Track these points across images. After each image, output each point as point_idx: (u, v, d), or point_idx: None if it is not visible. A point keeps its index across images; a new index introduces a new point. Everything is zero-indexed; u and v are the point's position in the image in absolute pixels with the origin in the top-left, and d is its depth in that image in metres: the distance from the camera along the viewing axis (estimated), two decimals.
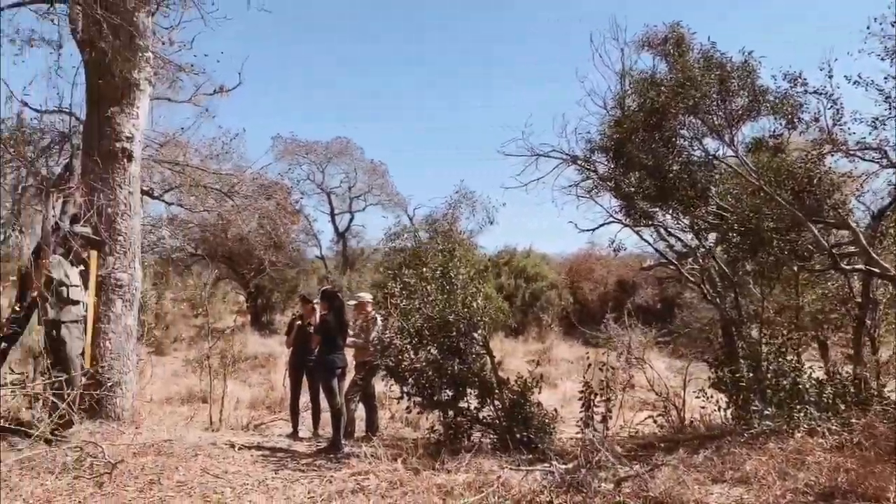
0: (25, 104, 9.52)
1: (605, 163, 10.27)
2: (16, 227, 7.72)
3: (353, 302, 9.62)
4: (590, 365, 7.55)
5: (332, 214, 31.94)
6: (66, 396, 6.38)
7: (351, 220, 32.20)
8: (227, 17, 8.73)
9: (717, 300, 9.93)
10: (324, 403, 8.79)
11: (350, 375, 9.16)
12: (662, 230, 11.17)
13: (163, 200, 12.43)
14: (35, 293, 6.88)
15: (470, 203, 22.12)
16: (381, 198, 31.88)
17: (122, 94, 8.00)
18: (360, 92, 71.43)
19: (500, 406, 7.76)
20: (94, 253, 7.52)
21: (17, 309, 7.02)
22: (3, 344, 6.88)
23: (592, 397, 7.27)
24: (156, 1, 8.12)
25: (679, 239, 11.31)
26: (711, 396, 7.90)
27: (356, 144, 31.00)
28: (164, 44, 8.76)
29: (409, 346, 7.71)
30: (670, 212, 9.64)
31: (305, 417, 9.65)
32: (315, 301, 9.31)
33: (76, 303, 7.12)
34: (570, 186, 11.53)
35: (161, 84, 9.88)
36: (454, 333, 7.78)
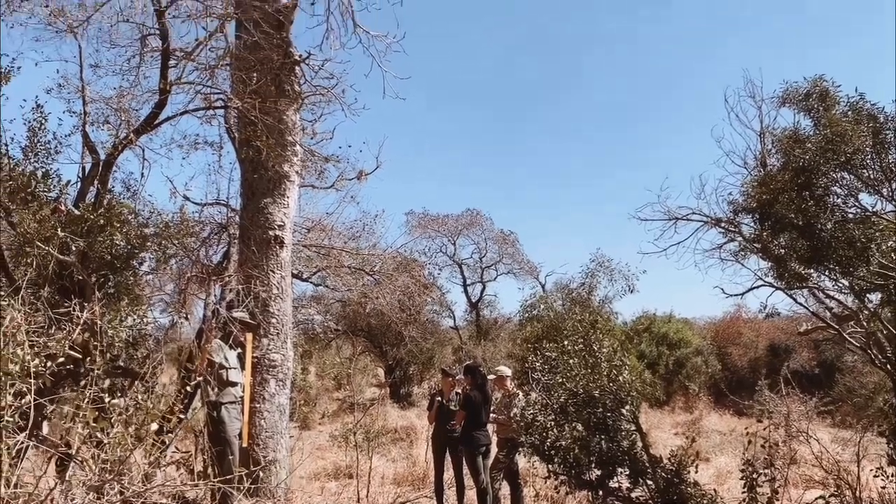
0: (187, 198, 10.46)
1: (751, 224, 9.81)
2: (181, 314, 8.36)
3: (492, 376, 9.58)
4: (750, 441, 7.03)
5: (465, 285, 32.37)
6: (225, 475, 6.70)
7: (483, 290, 32.47)
8: (366, 108, 9.30)
9: (888, 365, 9.06)
10: (468, 481, 8.69)
11: (493, 452, 9.04)
12: (819, 292, 10.44)
13: (310, 282, 13.13)
14: (198, 376, 7.35)
15: (608, 271, 21.65)
16: (511, 266, 32.01)
17: (274, 186, 8.60)
18: (489, 161, 72.96)
19: (653, 486, 7.34)
20: (250, 336, 7.98)
21: (183, 391, 7.53)
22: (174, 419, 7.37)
23: (755, 476, 6.74)
24: (302, 98, 8.77)
25: (838, 301, 10.51)
26: (894, 475, 7.10)
27: (485, 215, 31.53)
28: (309, 136, 9.43)
29: (553, 423, 7.52)
30: (826, 273, 9.02)
31: (450, 495, 9.57)
32: (457, 375, 9.34)
33: (234, 384, 7.53)
34: (712, 249, 11.10)
35: (308, 174, 10.55)
36: (600, 409, 7.52)
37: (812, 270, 9.09)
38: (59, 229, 6.41)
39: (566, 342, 8.01)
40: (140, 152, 8.12)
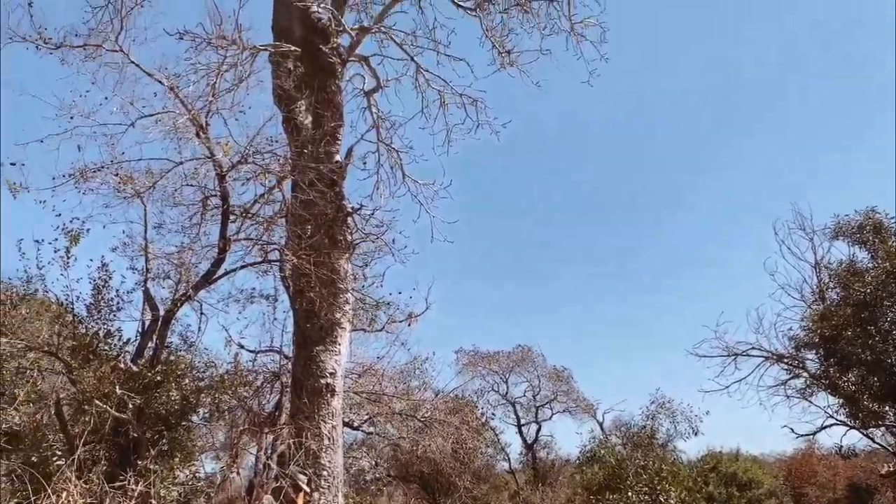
0: (242, 346, 10.62)
1: (815, 360, 9.42)
2: (233, 467, 8.25)
3: None
4: None
5: (519, 425, 31.34)
6: None
7: (538, 430, 31.34)
8: (415, 252, 9.50)
9: None
10: None
11: None
12: None
13: (361, 430, 12.93)
14: None
15: (669, 413, 20.79)
16: (567, 404, 31.00)
17: (326, 334, 8.67)
18: (540, 296, 72.66)
19: None
20: (301, 494, 7.77)
21: None
22: None
23: None
24: (353, 247, 9.03)
25: None
26: None
27: (537, 351, 31.02)
28: (360, 282, 9.61)
29: None
30: None
31: None
32: None
33: None
34: (776, 386, 10.62)
35: (359, 320, 10.66)
36: None
37: (888, 408, 8.57)
38: (117, 386, 6.51)
39: (630, 493, 7.58)
40: (198, 306, 8.37)
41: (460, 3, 9.98)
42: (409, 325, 10.77)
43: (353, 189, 9.36)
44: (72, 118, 7.30)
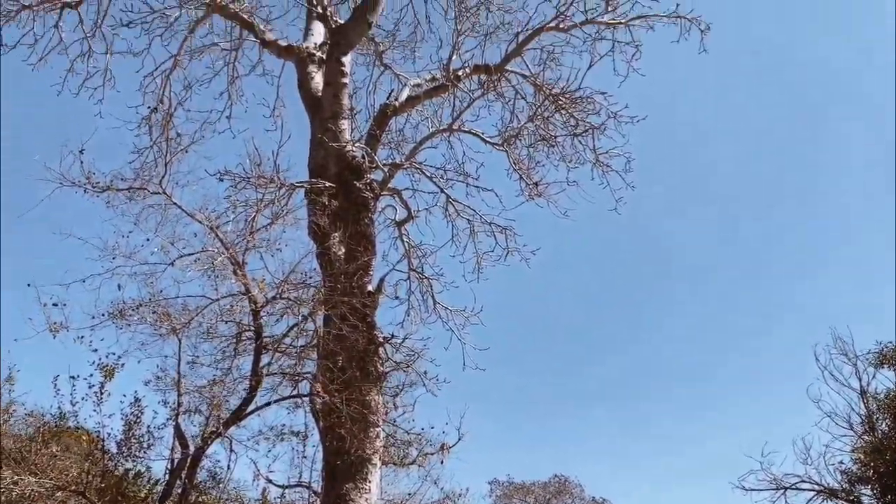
0: (270, 481, 10.34)
1: (872, 496, 8.87)
2: None
3: None
4: None
5: None
6: None
7: None
8: (447, 381, 9.35)
9: None
10: None
11: None
12: None
13: None
14: None
15: None
16: None
17: (356, 470, 8.42)
18: (577, 423, 70.50)
19: None
20: None
21: None
22: None
23: None
24: (384, 378, 8.94)
25: None
26: None
27: (575, 481, 29.80)
28: (392, 413, 9.43)
29: None
30: None
31: None
32: None
33: None
34: None
35: (389, 454, 10.39)
36: None
37: None
38: None
39: None
40: (228, 443, 8.27)
41: (488, 139, 10.37)
42: (441, 459, 10.45)
43: (383, 318, 9.38)
44: (114, 259, 7.58)
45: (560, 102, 10.24)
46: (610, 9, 10.36)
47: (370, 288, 8.90)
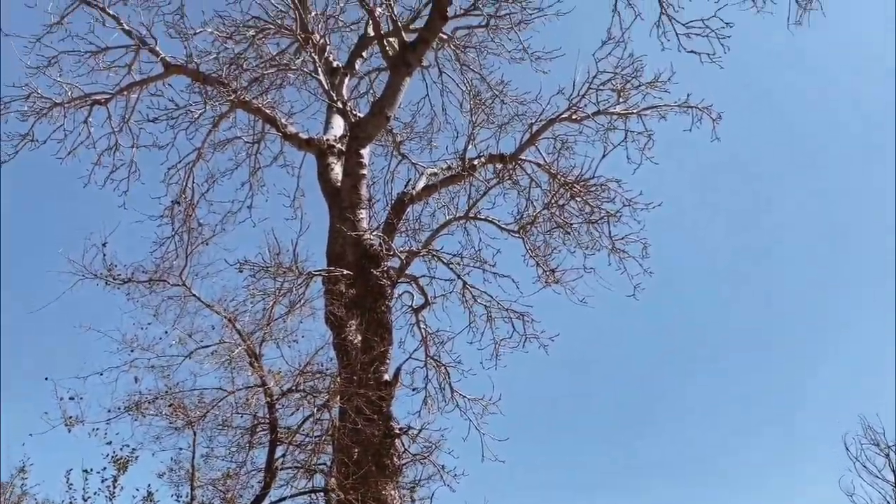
0: None
1: None
2: None
3: None
4: None
5: None
6: None
7: None
8: (465, 474, 9.09)
9: None
10: None
11: None
12: None
13: None
14: None
15: None
16: None
17: None
18: None
19: None
20: None
21: None
22: None
23: None
24: (401, 471, 8.74)
25: None
26: None
27: None
28: None
29: None
30: None
31: None
32: None
33: None
34: None
35: None
36: None
37: None
38: None
39: None
40: None
41: (504, 226, 10.45)
42: None
43: (400, 408, 9.27)
44: (132, 351, 7.63)
45: (575, 190, 10.36)
46: (621, 100, 10.59)
47: (387, 377, 8.82)
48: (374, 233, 9.80)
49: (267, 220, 10.99)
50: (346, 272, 9.36)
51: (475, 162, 10.66)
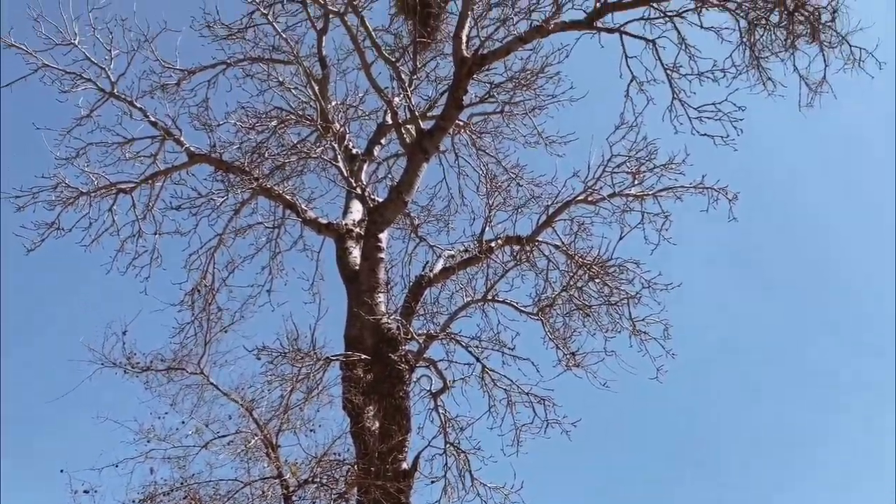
0: None
1: None
2: None
3: None
4: None
5: None
6: None
7: None
8: None
9: None
10: None
11: None
12: None
13: None
14: None
15: None
16: None
17: None
18: None
19: None
20: None
21: None
22: None
23: None
24: None
25: None
26: None
27: None
28: None
29: None
30: None
31: None
32: None
33: None
34: None
35: None
36: None
37: None
38: None
39: None
40: None
41: (522, 308, 10.39)
42: None
43: (419, 498, 9.00)
44: (148, 442, 7.55)
45: (593, 271, 10.32)
46: (637, 182, 10.67)
47: (405, 466, 8.63)
48: (392, 316, 9.78)
49: (286, 303, 11.02)
50: (363, 357, 9.30)
51: (492, 244, 10.66)
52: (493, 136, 11.87)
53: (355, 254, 10.47)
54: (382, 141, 11.97)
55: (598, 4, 10.06)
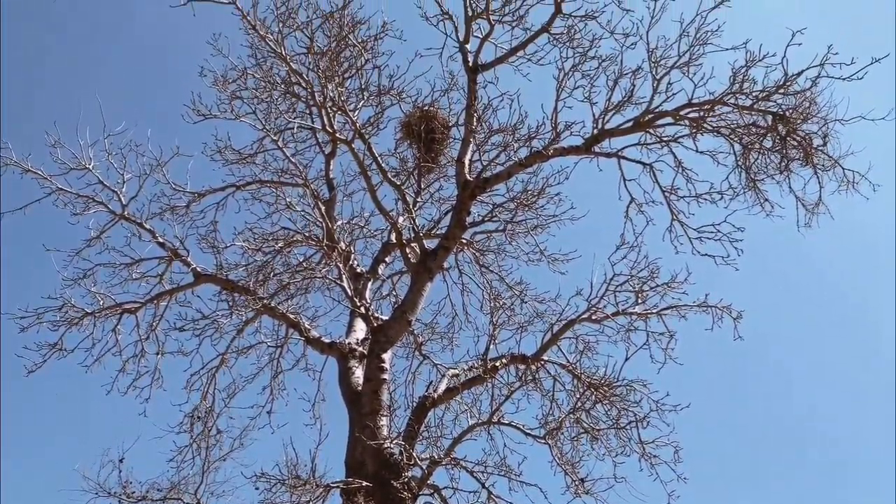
0: None
1: None
2: None
3: None
4: None
5: None
6: None
7: None
8: None
9: None
10: None
11: None
12: None
13: None
14: None
15: None
16: None
17: None
18: None
19: None
20: None
21: None
22: None
23: None
24: None
25: None
26: None
27: None
28: None
29: None
30: None
31: None
32: None
33: None
34: None
35: None
36: None
37: None
38: None
39: None
40: None
41: (529, 431, 10.11)
42: None
43: None
44: None
45: (601, 393, 10.13)
46: (640, 301, 10.64)
47: None
48: (395, 441, 9.53)
49: (286, 425, 10.80)
50: (364, 483, 9.00)
51: (497, 363, 10.51)
52: (496, 253, 12.00)
53: (358, 374, 10.34)
54: (387, 259, 12.08)
55: (595, 131, 10.51)
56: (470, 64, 10.69)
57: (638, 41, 10.22)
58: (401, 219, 11.02)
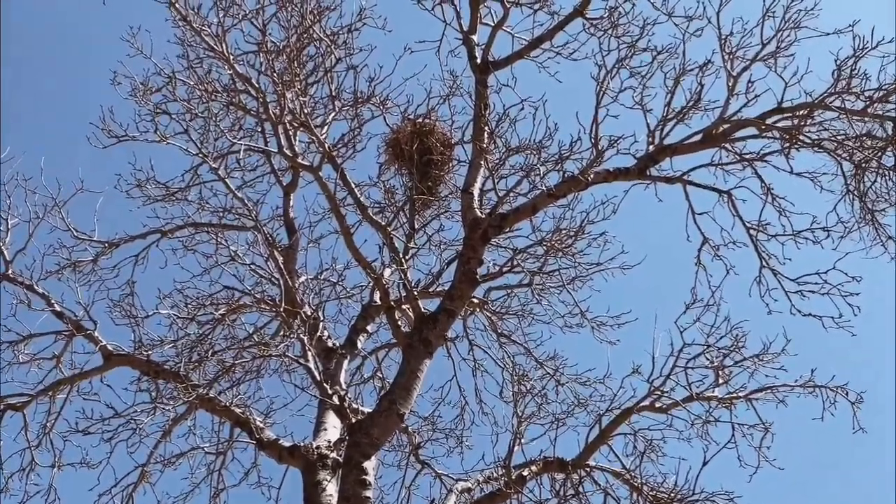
0: None
1: None
2: None
3: None
4: None
5: None
6: None
7: None
8: None
9: None
10: None
11: None
12: None
13: None
14: None
15: None
16: None
17: None
18: None
19: None
20: None
21: None
22: None
23: None
24: None
25: None
26: None
27: None
28: None
29: None
30: None
31: None
32: None
33: None
34: None
35: None
36: None
37: None
38: None
39: None
40: None
41: None
42: None
43: None
44: None
45: None
46: (721, 381, 8.18)
47: None
48: None
49: None
50: None
51: (524, 472, 8.06)
52: (520, 317, 9.55)
53: (330, 490, 7.73)
54: (369, 328, 9.63)
55: (650, 147, 8.29)
56: (478, 61, 8.53)
57: (706, 25, 8.21)
58: (387, 272, 8.64)
